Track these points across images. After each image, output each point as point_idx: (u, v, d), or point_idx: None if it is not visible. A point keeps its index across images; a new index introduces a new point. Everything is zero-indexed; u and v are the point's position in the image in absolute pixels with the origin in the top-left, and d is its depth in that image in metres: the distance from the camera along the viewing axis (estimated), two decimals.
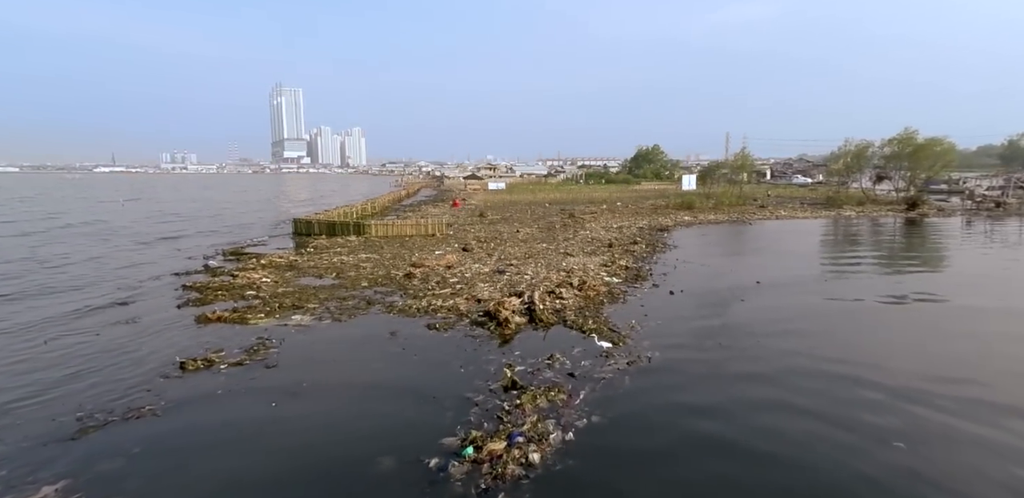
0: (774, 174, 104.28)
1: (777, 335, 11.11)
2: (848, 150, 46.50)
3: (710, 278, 16.82)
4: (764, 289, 15.22)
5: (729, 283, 15.90)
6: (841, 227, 32.18)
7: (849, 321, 12.45)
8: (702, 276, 17.15)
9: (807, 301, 14.11)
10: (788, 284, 15.99)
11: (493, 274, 16.75)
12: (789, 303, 13.84)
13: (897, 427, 7.14)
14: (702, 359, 9.76)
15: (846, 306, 13.69)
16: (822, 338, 11.08)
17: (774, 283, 15.95)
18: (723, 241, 27.30)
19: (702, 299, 14.13)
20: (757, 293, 14.78)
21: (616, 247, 22.04)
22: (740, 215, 36.45)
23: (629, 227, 29.63)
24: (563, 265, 17.98)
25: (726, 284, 15.77)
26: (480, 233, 27.08)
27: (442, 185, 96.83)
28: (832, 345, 10.59)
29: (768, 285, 15.61)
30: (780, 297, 14.45)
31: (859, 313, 13.12)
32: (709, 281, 16.39)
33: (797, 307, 13.50)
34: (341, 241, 24.31)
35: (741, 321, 12.05)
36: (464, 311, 12.66)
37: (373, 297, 14.07)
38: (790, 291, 15.16)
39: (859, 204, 41.78)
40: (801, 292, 15.07)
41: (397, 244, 23.48)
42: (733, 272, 17.78)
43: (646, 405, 7.88)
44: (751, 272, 17.65)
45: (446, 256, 19.06)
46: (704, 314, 12.70)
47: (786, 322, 12.09)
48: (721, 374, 9.00)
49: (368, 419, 7.51)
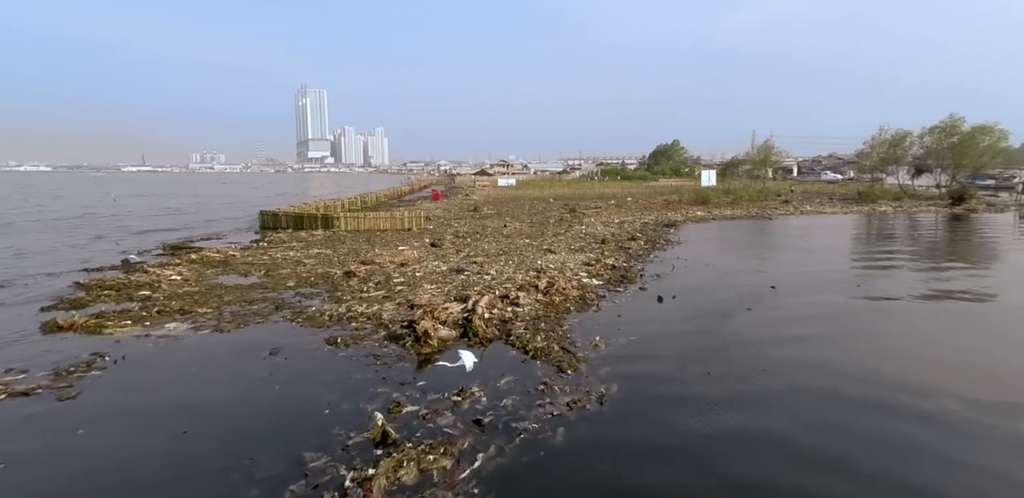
0: (801, 171, 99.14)
1: (793, 364, 8.08)
2: (884, 140, 42.10)
3: (713, 281, 13.75)
4: (780, 295, 12.10)
5: (736, 287, 12.82)
6: (876, 223, 28.42)
7: (888, 337, 9.31)
8: (704, 278, 14.10)
9: (833, 310, 10.96)
10: (811, 288, 12.81)
11: (449, 273, 14.01)
12: (811, 313, 10.71)
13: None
14: (678, 398, 6.82)
15: (881, 313, 10.53)
16: (851, 365, 8.00)
17: (793, 287, 12.81)
18: (737, 238, 23.99)
19: (698, 308, 11.13)
20: (771, 300, 11.68)
21: (609, 244, 19.05)
22: (760, 211, 32.93)
23: (632, 223, 26.54)
24: (538, 263, 15.13)
25: (732, 288, 12.71)
26: (463, 228, 24.37)
27: (453, 182, 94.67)
28: (866, 374, 7.52)
29: (786, 290, 12.48)
30: (800, 306, 11.30)
31: (897, 321, 9.97)
32: (711, 285, 13.34)
33: (820, 318, 10.36)
34: (304, 235, 21.89)
35: (745, 339, 9.03)
36: (387, 320, 9.94)
37: (289, 300, 11.47)
38: (813, 297, 11.99)
39: (896, 199, 37.69)
40: (826, 299, 11.88)
41: (364, 239, 20.92)
42: (743, 274, 14.68)
43: (576, 484, 5.02)
44: (766, 274, 14.54)
45: (404, 252, 16.39)
46: (696, 328, 9.72)
47: (806, 342, 9.03)
48: (703, 429, 6.03)
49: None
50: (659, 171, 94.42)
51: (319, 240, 20.62)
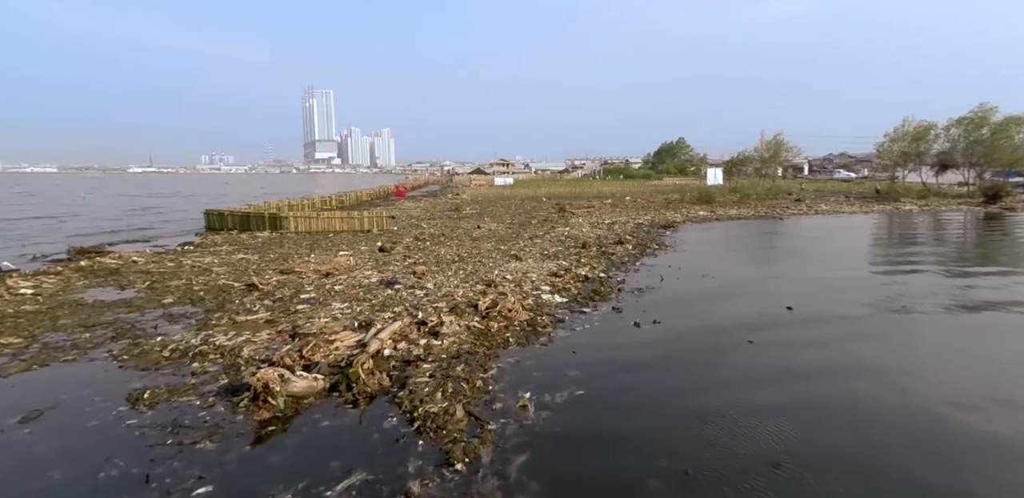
0: (813, 169, 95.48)
1: (820, 454, 5.15)
2: (906, 132, 38.62)
3: (710, 298, 10.81)
4: (797, 319, 9.15)
5: (738, 308, 9.90)
6: (902, 223, 25.22)
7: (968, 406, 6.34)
8: (698, 294, 11.16)
9: (876, 349, 8.00)
10: (836, 309, 9.80)
11: (376, 287, 11.19)
12: (843, 354, 7.75)
13: None
14: None
15: (942, 353, 7.55)
16: (914, 465, 5.06)
17: (813, 307, 9.83)
18: (743, 241, 20.94)
19: (684, 339, 8.21)
20: (784, 327, 8.73)
21: (590, 248, 16.14)
22: (770, 210, 29.81)
23: (625, 224, 23.60)
24: (493, 274, 12.28)
25: (732, 309, 9.78)
26: (432, 229, 21.56)
27: (451, 181, 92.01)
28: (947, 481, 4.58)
29: (803, 311, 9.52)
30: (824, 340, 8.34)
31: (963, 356, 6.99)
32: (707, 303, 10.40)
33: (858, 364, 7.40)
34: (245, 237, 19.17)
35: (744, 401, 6.07)
36: (245, 358, 7.14)
37: (143, 325, 8.69)
38: (842, 327, 9.00)
39: (920, 197, 34.36)
40: (861, 328, 8.90)
41: (310, 242, 18.17)
42: (748, 287, 11.73)
43: None
44: (776, 287, 11.59)
45: (336, 260, 13.58)
46: (677, 376, 6.82)
47: (838, 411, 6.06)
48: None
49: None
50: (663, 170, 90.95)
51: (257, 243, 17.89)
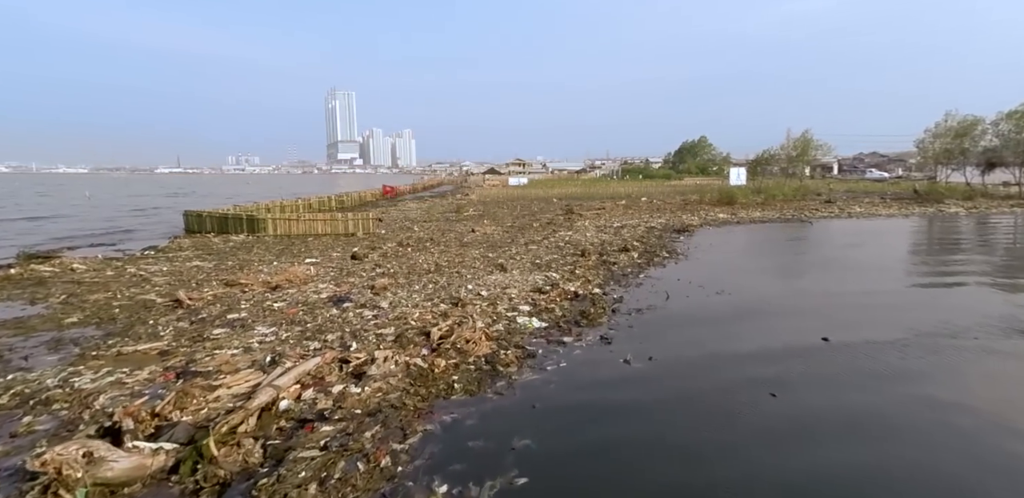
0: (843, 169, 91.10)
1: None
2: (951, 127, 35.37)
3: (723, 324, 8.75)
4: (835, 357, 7.08)
5: (758, 337, 7.85)
6: (950, 228, 22.55)
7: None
8: (709, 318, 9.12)
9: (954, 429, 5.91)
10: (885, 344, 7.67)
11: (323, 304, 9.45)
12: (913, 426, 5.70)
13: None
14: None
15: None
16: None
17: (855, 338, 7.72)
18: (766, 248, 18.65)
19: (687, 384, 6.24)
20: (818, 369, 6.67)
21: (590, 257, 14.17)
22: (797, 213, 27.30)
23: (635, 227, 21.51)
24: (467, 289, 10.44)
25: (751, 340, 7.73)
26: (421, 233, 19.84)
27: (465, 182, 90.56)
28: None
29: (843, 346, 7.44)
30: (881, 400, 6.28)
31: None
32: (718, 332, 8.35)
33: (933, 443, 5.34)
34: (217, 241, 17.74)
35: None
36: (98, 408, 5.45)
37: (13, 354, 7.10)
38: (892, 367, 6.89)
39: (966, 198, 31.34)
40: (919, 373, 6.79)
41: (283, 246, 16.61)
42: (771, 308, 9.63)
43: None
44: (806, 308, 9.47)
45: (290, 270, 11.89)
46: (668, 464, 4.87)
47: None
48: None
49: None
50: (684, 169, 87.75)
51: (226, 248, 16.38)
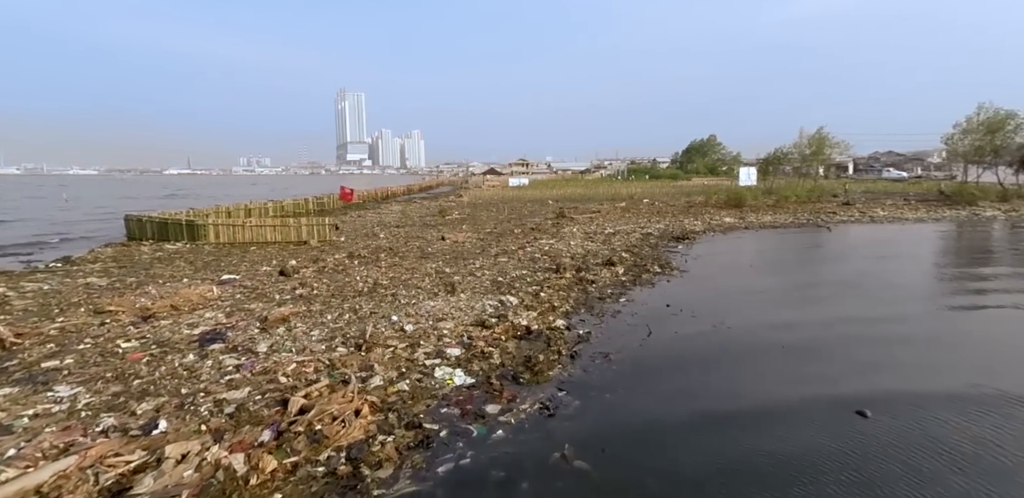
0: (858, 168, 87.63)
1: None
2: (983, 121, 32.40)
3: (719, 381, 6.37)
4: (881, 447, 4.70)
5: (769, 406, 5.48)
6: (997, 236, 19.85)
7: None
8: (700, 369, 6.73)
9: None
10: (951, 407, 5.28)
11: (189, 344, 7.24)
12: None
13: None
14: None
15: None
16: None
17: (904, 402, 5.33)
18: (778, 261, 16.09)
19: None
20: (858, 479, 4.30)
21: (566, 272, 11.85)
22: (812, 216, 24.71)
23: (630, 233, 19.14)
24: (388, 323, 8.18)
25: (758, 414, 5.36)
26: (384, 241, 17.63)
27: (466, 183, 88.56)
28: None
29: (890, 411, 5.05)
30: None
31: None
32: (708, 393, 5.97)
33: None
34: (147, 250, 15.67)
35: None
36: None
37: None
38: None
39: (1001, 200, 28.52)
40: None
41: (213, 258, 14.48)
42: (785, 352, 7.23)
43: None
44: (831, 353, 7.04)
45: (183, 292, 9.69)
46: None
47: None
48: None
49: None
50: (693, 169, 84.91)
51: (147, 259, 14.25)
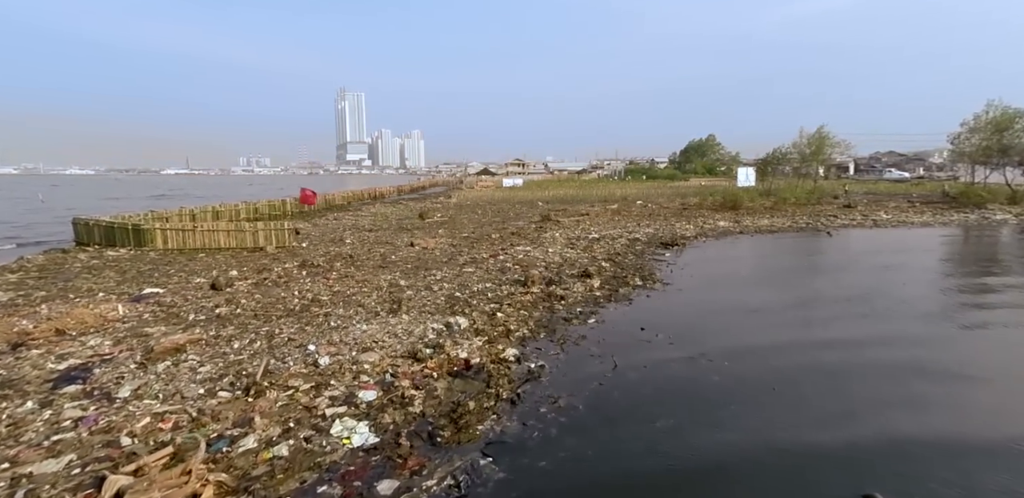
0: (859, 168, 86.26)
1: None
2: (991, 119, 30.96)
3: (690, 438, 5.00)
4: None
5: (756, 475, 4.10)
6: (1017, 241, 18.48)
7: None
8: (672, 419, 5.35)
9: None
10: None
11: (42, 384, 5.90)
12: None
13: None
14: None
15: None
16: None
17: (923, 487, 3.96)
18: (774, 272, 14.65)
19: None
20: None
21: (534, 286, 10.51)
22: (812, 220, 23.35)
23: (616, 238, 17.80)
24: (302, 354, 6.84)
25: (738, 483, 4.00)
26: (348, 247, 16.30)
27: (462, 182, 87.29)
28: None
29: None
30: None
31: None
32: (678, 450, 4.60)
33: None
34: (84, 257, 14.30)
35: None
36: None
37: None
38: None
39: (1011, 202, 27.15)
40: None
41: (150, 267, 13.14)
42: (778, 395, 5.85)
43: None
44: (837, 398, 5.64)
45: (76, 312, 8.35)
46: None
47: None
48: None
49: None
50: (691, 170, 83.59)
51: (77, 268, 12.90)
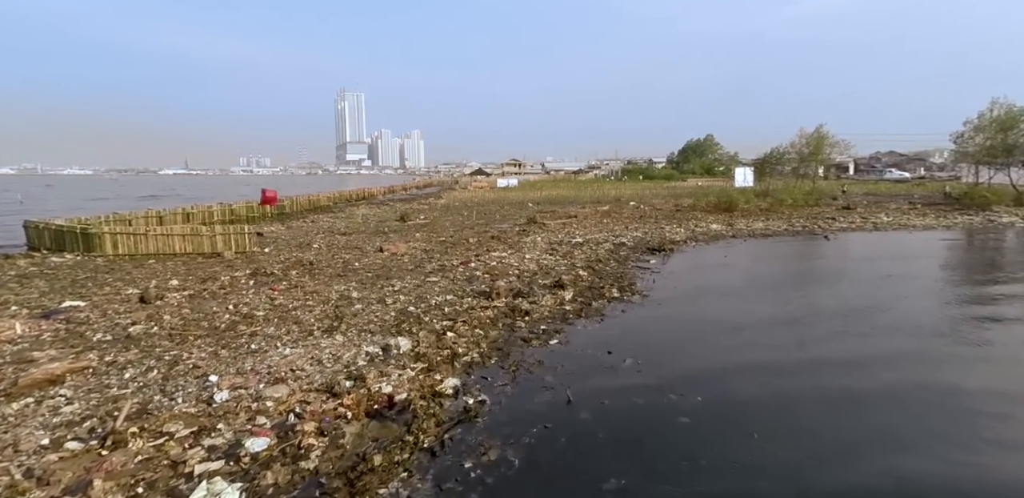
0: (859, 169, 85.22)
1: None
2: (996, 118, 29.84)
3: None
4: None
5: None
6: (1016, 247, 17.46)
7: None
8: (624, 477, 4.32)
9: None
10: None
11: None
12: None
13: None
14: None
15: None
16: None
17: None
18: (765, 282, 13.45)
19: None
20: None
21: (498, 299, 9.50)
22: (809, 222, 22.32)
23: (600, 243, 16.79)
24: (198, 388, 5.81)
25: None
26: (313, 252, 15.28)
27: (457, 183, 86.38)
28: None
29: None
30: None
31: None
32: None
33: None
34: (22, 264, 13.27)
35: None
36: None
37: None
38: None
39: (1018, 204, 26.13)
40: None
41: (87, 275, 12.12)
42: (757, 449, 4.81)
43: None
44: (837, 445, 4.57)
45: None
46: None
47: None
48: None
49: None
50: (688, 170, 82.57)
51: (15, 276, 11.89)
